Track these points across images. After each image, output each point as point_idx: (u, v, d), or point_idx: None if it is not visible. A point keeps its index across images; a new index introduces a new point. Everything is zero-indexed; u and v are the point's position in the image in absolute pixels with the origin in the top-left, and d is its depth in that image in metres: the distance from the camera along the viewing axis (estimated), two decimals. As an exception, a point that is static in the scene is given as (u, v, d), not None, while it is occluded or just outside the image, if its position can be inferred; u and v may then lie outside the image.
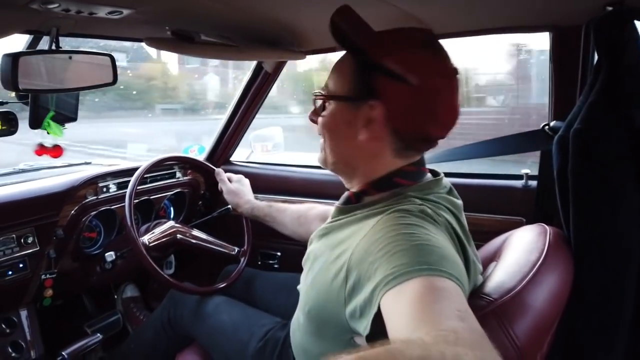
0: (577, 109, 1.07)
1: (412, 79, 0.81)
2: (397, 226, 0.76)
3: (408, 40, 0.86)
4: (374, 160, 0.90)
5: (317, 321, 0.92)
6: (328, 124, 0.92)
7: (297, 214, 1.48)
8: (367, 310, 0.71)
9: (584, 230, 1.03)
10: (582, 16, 1.19)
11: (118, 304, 1.97)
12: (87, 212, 1.60)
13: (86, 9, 1.03)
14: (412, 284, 0.64)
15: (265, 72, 1.88)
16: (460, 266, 0.74)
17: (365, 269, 0.74)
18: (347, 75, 0.89)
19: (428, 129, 0.86)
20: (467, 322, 0.58)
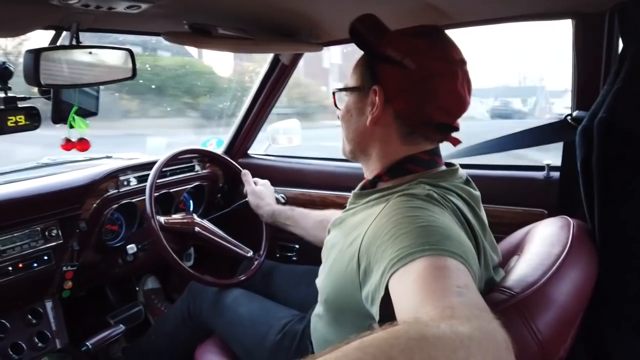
0: (602, 98, 1.04)
1: (409, 63, 0.87)
2: (402, 210, 0.78)
3: (409, 32, 0.92)
4: (384, 145, 0.94)
5: (335, 309, 0.93)
6: (344, 115, 1.00)
7: (320, 218, 1.49)
8: (377, 294, 0.72)
9: (609, 222, 1.00)
10: (606, 2, 1.16)
11: (140, 295, 2.01)
12: (108, 205, 1.62)
13: (105, 4, 1.04)
14: (415, 265, 0.65)
15: (282, 65, 1.88)
16: (466, 245, 0.74)
17: (373, 253, 0.75)
18: (359, 70, 0.97)
19: (428, 112, 0.88)
20: (466, 296, 0.59)
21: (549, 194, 1.47)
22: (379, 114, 0.91)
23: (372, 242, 0.77)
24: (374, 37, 0.94)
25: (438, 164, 0.95)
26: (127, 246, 1.65)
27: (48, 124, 1.29)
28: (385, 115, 0.91)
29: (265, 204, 1.61)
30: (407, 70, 0.87)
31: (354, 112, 0.97)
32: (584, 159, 1.05)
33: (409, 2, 1.14)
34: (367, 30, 0.94)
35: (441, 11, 1.25)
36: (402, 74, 0.88)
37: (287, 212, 1.56)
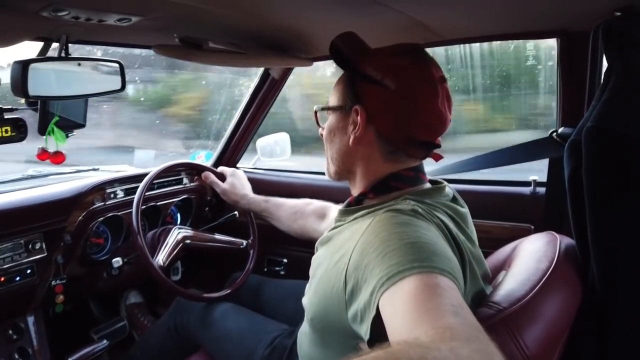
0: (589, 113, 1.05)
1: (389, 83, 0.87)
2: (387, 226, 0.77)
3: (390, 51, 0.92)
4: (368, 164, 0.94)
5: (321, 329, 0.92)
6: (327, 135, 1.00)
7: (294, 210, 1.49)
8: (366, 314, 0.71)
9: (600, 236, 0.99)
10: (591, 21, 1.18)
11: (122, 310, 1.97)
12: (94, 218, 1.60)
13: (95, 17, 1.04)
14: (405, 283, 0.65)
15: (272, 79, 1.89)
16: (453, 261, 0.74)
17: (361, 272, 0.75)
18: (340, 89, 0.97)
19: (410, 130, 0.89)
20: (462, 316, 0.59)
21: (535, 209, 1.49)
22: (361, 134, 0.91)
23: (359, 261, 0.76)
24: (354, 56, 0.93)
25: (423, 180, 0.95)
26: (112, 260, 1.63)
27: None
28: (368, 135, 0.91)
29: (240, 197, 1.58)
30: (388, 89, 0.87)
31: (336, 132, 0.97)
32: (572, 174, 1.05)
33: (398, 20, 1.15)
34: (347, 48, 0.94)
35: (430, 29, 1.27)
36: (383, 94, 0.88)
37: (261, 204, 1.55)
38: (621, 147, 0.97)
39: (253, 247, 1.71)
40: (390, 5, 1.05)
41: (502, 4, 1.09)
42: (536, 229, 1.46)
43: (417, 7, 1.10)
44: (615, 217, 0.98)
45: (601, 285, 0.98)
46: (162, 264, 1.48)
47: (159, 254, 1.52)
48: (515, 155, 1.48)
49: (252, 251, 1.70)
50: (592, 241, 1.00)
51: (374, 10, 1.07)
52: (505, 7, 1.12)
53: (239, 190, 1.59)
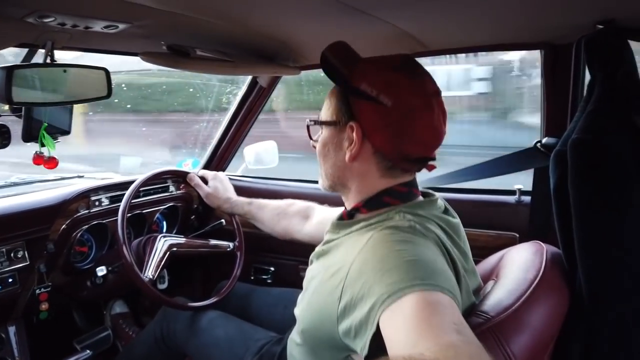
0: (574, 124, 1.07)
1: (385, 100, 0.85)
2: (387, 243, 0.77)
3: (383, 65, 0.91)
4: (363, 179, 0.93)
5: (312, 341, 0.92)
6: (320, 150, 0.99)
7: (277, 211, 1.50)
8: (363, 330, 0.71)
9: (588, 247, 1.00)
10: (573, 34, 1.21)
11: (107, 320, 1.94)
12: (78, 226, 1.58)
13: (82, 23, 1.03)
14: (406, 300, 0.65)
15: (260, 87, 1.89)
16: (452, 278, 0.75)
17: (359, 288, 0.74)
18: (333, 102, 0.95)
19: (406, 147, 0.88)
20: (464, 334, 0.59)
21: (520, 218, 1.50)
22: (357, 151, 0.90)
23: (357, 277, 0.76)
24: (346, 69, 0.92)
25: (415, 195, 0.94)
26: (96, 268, 1.60)
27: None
28: (364, 151, 0.90)
29: (223, 201, 1.59)
30: (383, 106, 0.85)
31: (330, 147, 0.95)
32: (558, 184, 1.07)
33: (385, 30, 1.16)
34: (339, 61, 0.93)
35: (417, 39, 1.28)
36: (379, 111, 0.86)
37: (244, 207, 1.56)
38: (605, 159, 0.99)
39: (240, 250, 1.71)
40: (378, 16, 1.06)
41: (488, 16, 1.11)
42: (521, 237, 1.47)
43: (404, 18, 1.11)
44: (601, 227, 0.99)
45: (588, 295, 0.99)
46: (151, 277, 1.46)
47: (148, 267, 1.49)
48: (501, 167, 1.50)
49: (239, 253, 1.70)
50: (579, 251, 1.01)
51: (361, 21, 1.07)
52: (491, 19, 1.13)
53: (222, 194, 1.59)
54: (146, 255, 1.54)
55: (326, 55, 0.93)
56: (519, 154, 1.45)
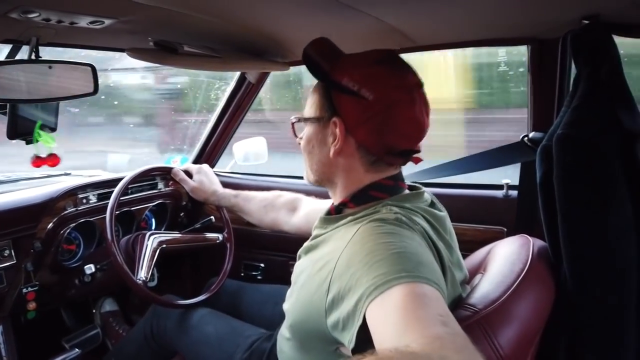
0: (560, 119, 1.08)
1: (366, 94, 0.86)
2: (373, 236, 0.78)
3: (364, 59, 0.91)
4: (349, 174, 0.94)
5: (301, 335, 0.92)
6: (305, 146, 0.99)
7: (264, 203, 1.50)
8: (350, 322, 0.72)
9: (573, 239, 1.02)
10: (559, 29, 1.22)
11: (96, 318, 1.93)
12: (66, 224, 1.56)
13: (67, 19, 1.02)
14: (393, 292, 0.65)
15: (248, 83, 1.88)
16: (437, 270, 0.75)
17: (346, 281, 0.75)
18: (316, 99, 0.95)
19: (389, 141, 0.88)
20: (450, 326, 0.60)
21: (508, 212, 1.52)
22: (341, 146, 0.90)
23: (344, 270, 0.76)
24: (328, 65, 0.92)
25: (402, 188, 0.95)
26: (84, 266, 1.59)
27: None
28: (348, 146, 0.90)
29: (210, 194, 1.58)
30: (365, 100, 0.86)
31: (315, 143, 0.96)
32: (544, 178, 1.08)
33: (374, 26, 1.16)
34: (320, 57, 0.93)
35: (405, 35, 1.28)
36: (361, 105, 0.86)
37: (231, 200, 1.56)
38: (590, 154, 1.00)
39: (229, 241, 1.71)
40: (366, 11, 1.06)
41: (475, 12, 1.11)
42: (509, 231, 1.49)
43: (392, 14, 1.11)
44: (586, 221, 1.01)
45: (573, 287, 1.00)
46: (144, 279, 1.44)
47: (139, 268, 1.48)
48: (489, 160, 1.51)
49: (228, 245, 1.70)
50: (564, 245, 1.02)
51: (349, 16, 1.07)
52: (478, 15, 1.14)
53: (208, 187, 1.59)
54: (135, 253, 1.53)
55: (308, 51, 0.94)
56: (506, 148, 1.46)
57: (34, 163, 1.29)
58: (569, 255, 1.01)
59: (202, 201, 1.62)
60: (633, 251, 1.00)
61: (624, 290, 1.00)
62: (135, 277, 1.43)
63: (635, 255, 1.01)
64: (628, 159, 1.01)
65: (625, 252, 1.00)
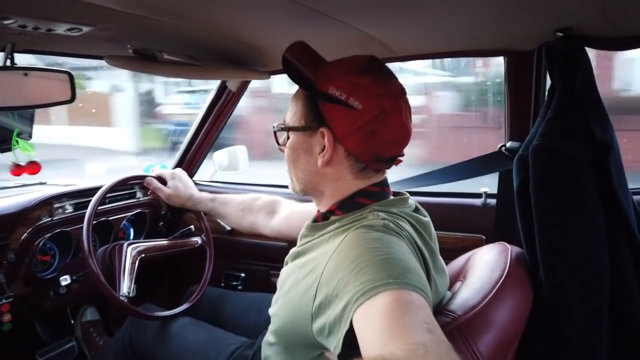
0: (535, 129, 1.11)
1: (355, 103, 0.85)
2: (361, 242, 0.78)
3: (349, 68, 0.90)
4: (336, 183, 0.93)
5: (285, 340, 0.92)
6: (290, 155, 0.97)
7: (241, 206, 1.48)
8: (337, 328, 0.72)
9: (548, 247, 1.04)
10: (534, 41, 1.25)
11: (77, 328, 1.86)
12: (40, 235, 1.53)
13: (44, 26, 1.00)
14: (380, 298, 0.66)
15: (229, 91, 1.88)
16: (423, 277, 0.76)
17: (333, 286, 0.75)
18: (300, 107, 0.93)
19: (379, 149, 0.89)
20: (434, 334, 0.60)
21: (487, 220, 1.54)
22: (330, 156, 0.89)
23: (332, 276, 0.76)
24: (312, 73, 0.91)
25: (387, 194, 0.96)
26: (59, 278, 1.55)
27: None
28: (337, 155, 0.90)
29: (186, 199, 1.55)
30: (354, 110, 0.85)
31: (301, 152, 0.94)
32: (521, 187, 1.10)
33: (353, 36, 1.17)
34: (302, 64, 0.92)
35: (384, 45, 1.30)
36: (350, 115, 0.86)
37: (208, 204, 1.53)
38: (564, 165, 1.03)
39: (208, 245, 1.68)
40: (345, 21, 1.07)
41: (452, 24, 1.13)
42: (488, 239, 1.51)
43: (371, 24, 1.13)
44: (560, 229, 1.03)
45: (548, 293, 1.02)
46: (127, 294, 1.41)
47: (121, 283, 1.45)
48: (468, 170, 1.53)
49: (208, 248, 1.67)
50: (540, 252, 1.04)
51: (329, 26, 1.08)
52: (455, 27, 1.16)
53: (183, 192, 1.56)
54: (114, 264, 1.50)
55: (288, 59, 0.92)
56: (484, 157, 1.49)
57: (13, 172, 1.26)
58: (545, 262, 1.04)
59: (178, 207, 1.59)
60: (605, 259, 1.03)
61: (597, 297, 1.02)
62: (118, 292, 1.40)
63: (607, 263, 1.03)
64: (600, 170, 1.04)
65: (598, 259, 1.03)
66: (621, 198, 1.05)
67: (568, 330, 1.02)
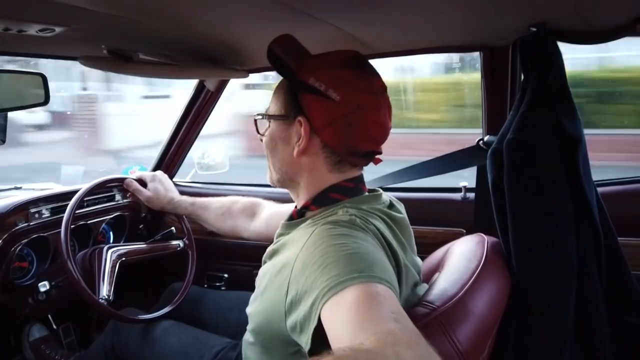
0: (509, 122, 1.13)
1: (333, 94, 0.87)
2: (327, 238, 0.79)
3: (331, 61, 0.92)
4: (312, 175, 0.94)
5: (263, 338, 0.92)
6: (268, 143, 0.99)
7: (221, 210, 1.49)
8: (306, 324, 0.72)
9: (520, 236, 1.06)
10: (509, 36, 1.27)
11: (26, 350, 1.70)
12: (17, 241, 1.50)
13: (14, 27, 0.98)
14: (347, 293, 0.66)
15: (207, 91, 1.86)
16: (389, 269, 0.77)
17: (302, 283, 0.75)
18: (281, 97, 0.95)
19: (354, 142, 0.90)
20: (402, 322, 0.61)
21: (466, 214, 1.56)
22: (306, 145, 0.90)
23: (300, 273, 0.77)
24: (294, 64, 0.93)
25: (362, 190, 0.96)
26: (38, 284, 1.52)
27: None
28: (312, 145, 0.91)
29: (166, 203, 1.55)
30: (332, 101, 0.87)
31: (279, 141, 0.96)
32: (495, 180, 1.12)
33: (331, 33, 1.18)
34: (286, 55, 0.93)
35: (363, 42, 1.31)
36: (327, 106, 0.87)
37: (188, 208, 1.54)
38: (535, 158, 1.06)
39: (191, 248, 1.67)
40: (323, 19, 1.08)
41: (428, 20, 1.15)
42: (468, 232, 1.52)
43: (349, 22, 1.13)
44: (531, 220, 1.07)
45: (520, 282, 1.05)
46: (107, 297, 1.39)
47: (101, 286, 1.42)
48: (446, 165, 1.55)
49: (190, 252, 1.65)
50: (513, 242, 1.07)
51: (307, 23, 1.09)
52: (432, 24, 1.18)
53: (164, 195, 1.55)
54: (94, 268, 1.47)
55: (273, 48, 0.93)
56: (462, 152, 1.51)
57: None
58: (517, 253, 1.06)
59: (158, 210, 1.58)
60: (573, 248, 1.06)
61: (565, 285, 1.06)
62: (97, 295, 1.37)
63: (575, 253, 1.07)
64: (569, 164, 1.07)
65: (566, 249, 1.06)
66: (586, 190, 1.08)
67: (537, 317, 1.05)
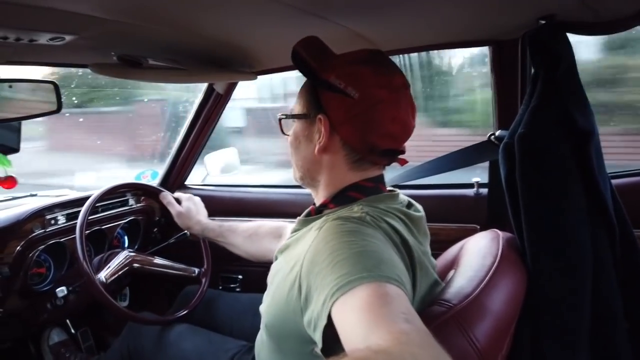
0: (520, 117, 1.12)
1: (352, 92, 0.88)
2: (336, 234, 0.78)
3: (352, 59, 0.93)
4: (332, 172, 0.95)
5: (277, 335, 0.92)
6: (292, 142, 1.00)
7: (248, 233, 1.48)
8: (319, 321, 0.72)
9: (534, 232, 1.05)
10: (518, 30, 1.26)
11: (46, 353, 1.76)
12: (34, 247, 1.52)
13: (26, 36, 1.00)
14: (356, 292, 0.66)
15: (216, 94, 1.87)
16: (400, 268, 0.76)
17: (313, 279, 0.75)
18: (304, 96, 0.97)
19: (373, 139, 0.89)
20: (413, 323, 0.61)
21: (480, 209, 1.55)
22: (326, 143, 0.91)
23: (310, 269, 0.77)
24: (316, 63, 0.93)
25: (381, 190, 0.96)
26: (56, 289, 1.54)
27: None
28: (333, 143, 0.92)
29: (194, 223, 1.55)
30: (351, 98, 0.87)
31: (302, 139, 0.97)
32: (508, 175, 1.11)
33: (338, 33, 1.17)
34: (308, 55, 0.94)
35: (370, 41, 1.30)
36: (346, 103, 0.88)
37: (215, 230, 1.53)
38: (548, 152, 1.05)
39: (206, 276, 1.65)
40: (330, 19, 1.07)
41: (436, 16, 1.14)
42: (482, 228, 1.51)
43: (357, 21, 1.13)
44: (545, 215, 1.05)
45: (535, 278, 1.03)
46: (104, 281, 1.41)
47: (102, 271, 1.44)
48: (458, 161, 1.54)
49: (204, 279, 1.64)
50: (527, 237, 1.06)
51: (314, 24, 1.09)
52: (438, 20, 1.17)
53: (194, 215, 1.56)
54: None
55: (296, 49, 0.95)
56: (474, 147, 1.49)
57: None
58: (531, 248, 1.05)
59: (184, 229, 1.59)
60: (587, 241, 1.05)
61: (580, 279, 1.04)
62: (95, 276, 1.38)
63: (589, 247, 1.05)
64: (582, 157, 1.06)
65: (581, 243, 1.05)
66: (600, 183, 1.07)
67: (552, 313, 1.04)
